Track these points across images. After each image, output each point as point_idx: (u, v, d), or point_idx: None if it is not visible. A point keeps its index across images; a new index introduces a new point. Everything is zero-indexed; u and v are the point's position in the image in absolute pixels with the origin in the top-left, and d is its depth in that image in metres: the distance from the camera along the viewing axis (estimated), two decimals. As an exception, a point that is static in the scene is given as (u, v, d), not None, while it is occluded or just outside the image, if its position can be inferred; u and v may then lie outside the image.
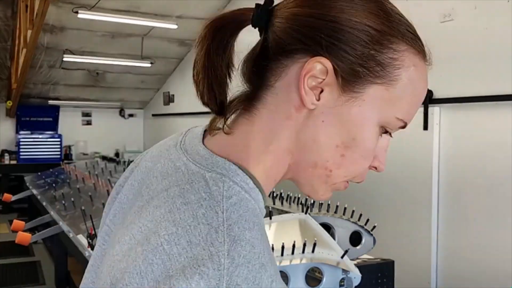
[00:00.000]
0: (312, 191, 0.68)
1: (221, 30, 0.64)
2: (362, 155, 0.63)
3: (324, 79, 0.60)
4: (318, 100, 0.61)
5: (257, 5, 0.63)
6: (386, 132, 0.64)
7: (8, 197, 5.97)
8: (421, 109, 4.15)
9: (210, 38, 0.63)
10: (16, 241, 3.84)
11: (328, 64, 0.59)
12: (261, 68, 0.63)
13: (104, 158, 6.89)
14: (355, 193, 4.70)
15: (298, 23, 0.60)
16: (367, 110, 0.61)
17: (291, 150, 0.64)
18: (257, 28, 0.66)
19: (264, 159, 0.64)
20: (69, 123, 9.92)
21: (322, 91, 0.60)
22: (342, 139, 0.61)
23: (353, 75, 0.59)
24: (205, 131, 0.68)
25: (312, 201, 2.43)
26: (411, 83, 0.62)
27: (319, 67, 0.59)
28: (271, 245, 1.88)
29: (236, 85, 0.67)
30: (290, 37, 0.60)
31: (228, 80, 0.65)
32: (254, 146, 0.63)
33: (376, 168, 0.67)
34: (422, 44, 0.64)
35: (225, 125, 0.65)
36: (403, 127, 0.64)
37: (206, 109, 0.69)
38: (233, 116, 0.66)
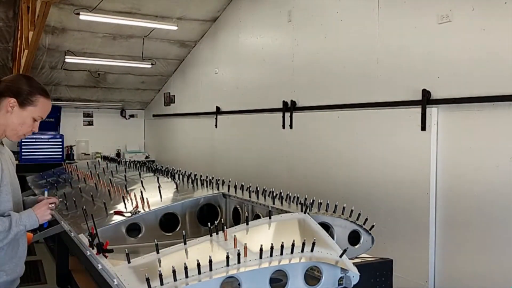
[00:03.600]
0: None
1: None
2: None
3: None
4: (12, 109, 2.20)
5: None
6: (35, 120, 2.24)
7: (9, 197, 6.00)
8: (419, 110, 4.16)
9: None
10: (18, 241, 3.86)
11: (14, 100, 2.18)
12: None
13: (105, 158, 6.90)
14: (354, 193, 4.73)
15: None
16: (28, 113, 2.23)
17: None
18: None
19: None
20: (71, 124, 9.97)
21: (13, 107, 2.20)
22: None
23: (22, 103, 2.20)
24: None
25: (311, 201, 2.44)
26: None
27: (12, 100, 2.17)
28: (270, 244, 1.90)
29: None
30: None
31: None
32: None
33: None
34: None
35: None
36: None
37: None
38: None
